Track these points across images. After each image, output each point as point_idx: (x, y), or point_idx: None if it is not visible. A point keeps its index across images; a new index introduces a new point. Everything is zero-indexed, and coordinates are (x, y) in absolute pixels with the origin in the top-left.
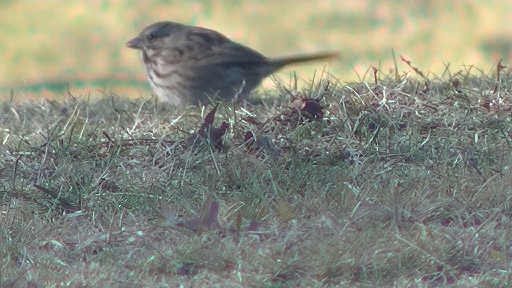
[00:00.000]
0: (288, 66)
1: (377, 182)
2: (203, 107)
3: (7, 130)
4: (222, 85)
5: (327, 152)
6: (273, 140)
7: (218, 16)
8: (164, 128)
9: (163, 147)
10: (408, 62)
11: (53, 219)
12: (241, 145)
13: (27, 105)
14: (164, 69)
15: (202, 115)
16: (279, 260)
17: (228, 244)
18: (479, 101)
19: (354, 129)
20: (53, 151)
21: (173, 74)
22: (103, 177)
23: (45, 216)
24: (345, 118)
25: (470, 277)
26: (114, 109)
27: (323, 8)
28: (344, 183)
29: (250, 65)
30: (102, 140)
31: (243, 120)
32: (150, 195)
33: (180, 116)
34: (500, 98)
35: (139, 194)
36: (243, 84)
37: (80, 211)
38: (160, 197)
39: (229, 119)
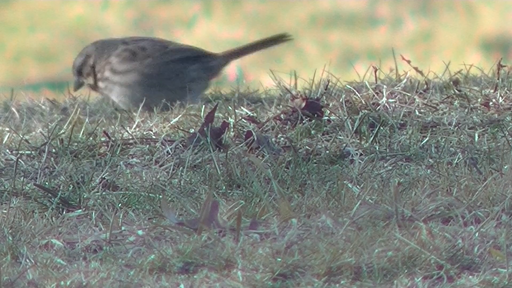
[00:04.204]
0: (237, 57)
1: (377, 181)
2: (203, 106)
3: (7, 129)
4: (181, 84)
5: (327, 151)
6: (273, 139)
7: (218, 15)
8: (164, 127)
9: (163, 146)
10: (408, 61)
11: (53, 218)
12: (241, 144)
13: (27, 104)
14: (121, 66)
15: (202, 114)
16: (279, 259)
17: (228, 243)
18: (479, 100)
19: (354, 128)
20: (53, 150)
21: (132, 72)
22: (103, 176)
23: (45, 215)
24: (345, 117)
25: (470, 276)
26: (114, 108)
27: (323, 7)
28: (344, 182)
29: (205, 59)
30: (102, 139)
31: (243, 119)
32: (150, 194)
33: (180, 115)
34: (500, 97)
35: (139, 193)
36: (203, 81)
37: (80, 210)
38: (160, 196)
39: (229, 118)
